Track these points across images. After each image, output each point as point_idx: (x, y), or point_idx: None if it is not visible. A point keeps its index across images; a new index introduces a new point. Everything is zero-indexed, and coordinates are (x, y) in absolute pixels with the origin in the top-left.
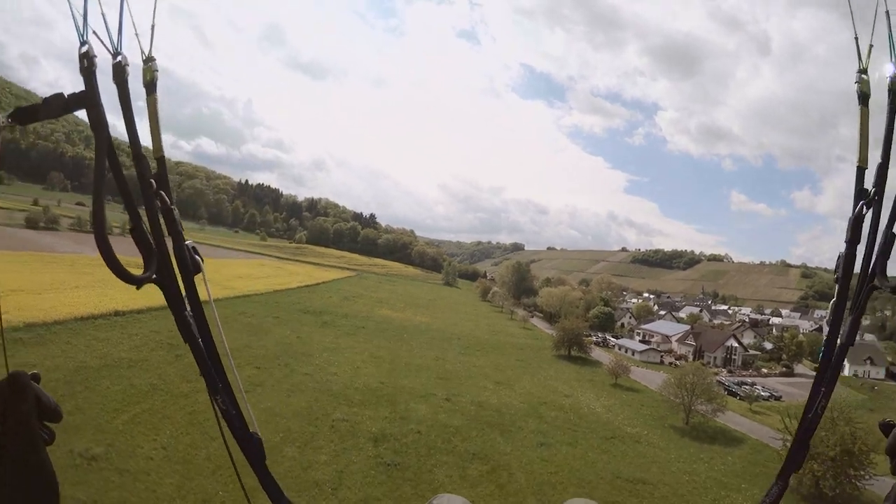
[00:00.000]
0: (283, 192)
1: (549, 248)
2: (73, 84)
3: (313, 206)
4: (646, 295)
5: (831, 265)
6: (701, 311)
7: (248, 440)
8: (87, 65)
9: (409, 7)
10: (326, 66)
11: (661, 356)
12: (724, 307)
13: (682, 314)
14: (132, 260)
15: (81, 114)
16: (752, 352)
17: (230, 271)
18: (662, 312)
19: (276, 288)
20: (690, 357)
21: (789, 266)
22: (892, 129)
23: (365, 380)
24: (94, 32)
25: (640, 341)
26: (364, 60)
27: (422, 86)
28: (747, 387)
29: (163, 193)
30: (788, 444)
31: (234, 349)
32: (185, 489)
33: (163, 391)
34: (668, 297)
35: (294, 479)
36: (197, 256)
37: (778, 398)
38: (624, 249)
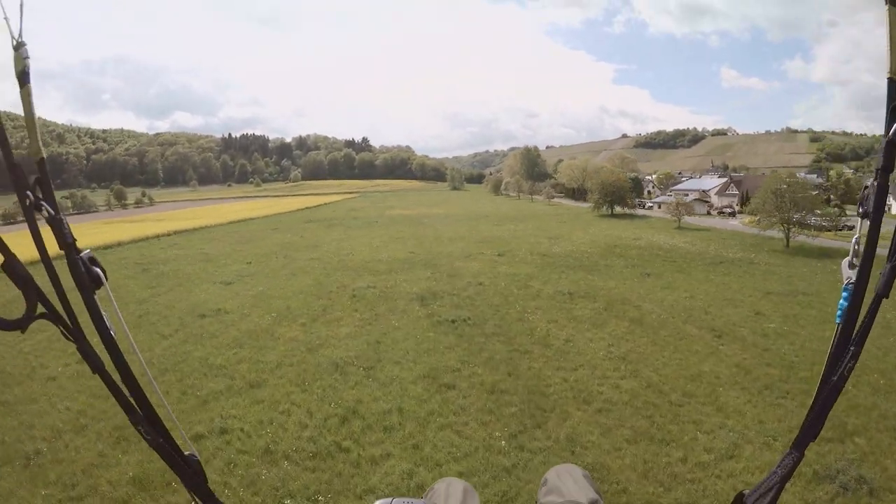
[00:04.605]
0: (270, 137)
1: (547, 147)
2: None
3: (303, 143)
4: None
5: (838, 128)
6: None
7: (183, 465)
8: None
9: None
10: (284, 15)
11: (707, 208)
12: (740, 175)
13: None
14: None
15: None
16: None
17: (224, 210)
18: (684, 178)
19: (276, 212)
20: (736, 207)
21: (795, 132)
22: None
23: (389, 254)
24: None
25: None
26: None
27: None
28: (816, 219)
29: (45, 205)
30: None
31: (221, 255)
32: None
33: None
34: (680, 174)
35: (294, 366)
36: (96, 268)
37: (850, 227)
38: (625, 136)
